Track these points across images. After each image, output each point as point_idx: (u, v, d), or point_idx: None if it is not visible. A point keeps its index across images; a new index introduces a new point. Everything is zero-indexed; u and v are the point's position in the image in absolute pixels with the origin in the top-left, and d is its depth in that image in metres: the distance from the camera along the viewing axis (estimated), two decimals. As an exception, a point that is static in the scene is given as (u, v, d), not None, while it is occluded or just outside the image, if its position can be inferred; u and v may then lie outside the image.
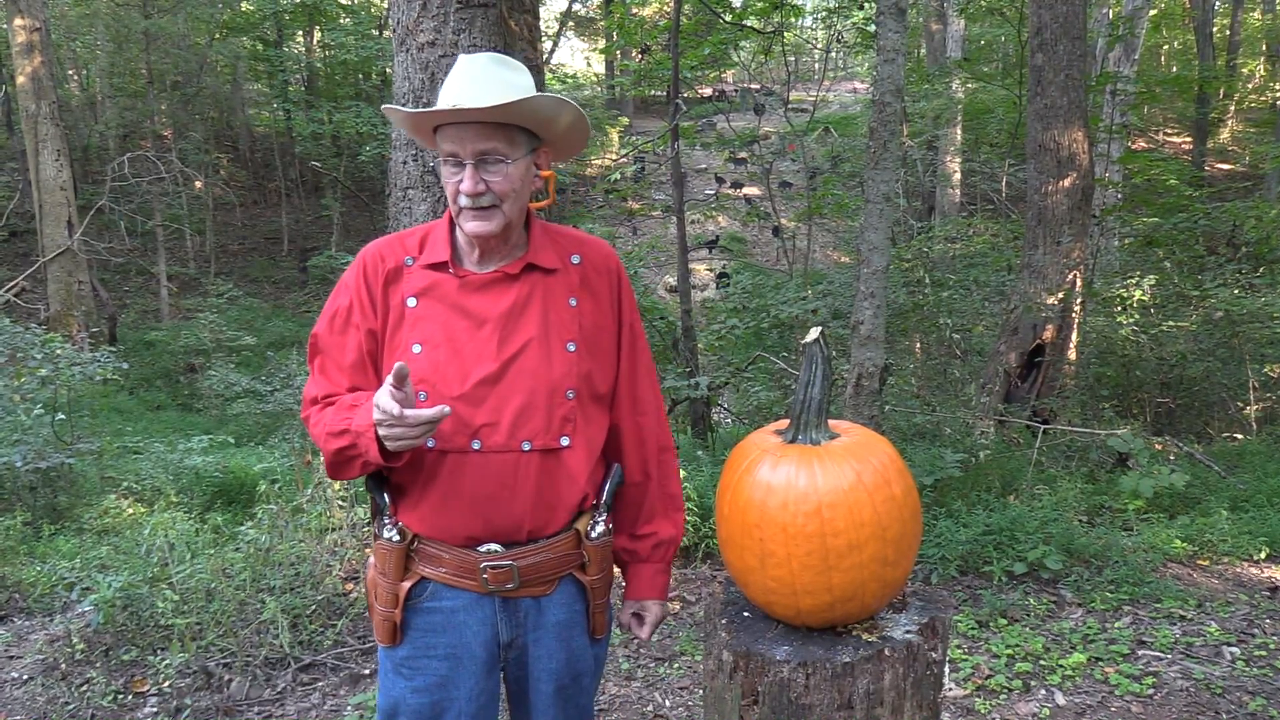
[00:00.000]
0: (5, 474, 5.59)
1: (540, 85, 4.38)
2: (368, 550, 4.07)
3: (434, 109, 1.72)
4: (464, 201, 1.74)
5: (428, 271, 1.83)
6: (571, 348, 1.82)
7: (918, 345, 9.44)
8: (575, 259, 1.90)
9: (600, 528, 1.90)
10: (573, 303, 1.86)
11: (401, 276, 1.83)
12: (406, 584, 1.84)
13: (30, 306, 13.21)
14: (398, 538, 1.83)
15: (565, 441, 1.80)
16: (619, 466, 1.97)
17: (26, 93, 13.35)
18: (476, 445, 1.75)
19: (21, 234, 17.19)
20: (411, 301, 1.81)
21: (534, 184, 1.84)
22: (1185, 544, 4.85)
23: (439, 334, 1.78)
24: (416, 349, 1.78)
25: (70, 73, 22.06)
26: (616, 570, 2.04)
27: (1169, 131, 22.55)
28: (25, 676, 3.82)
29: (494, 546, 1.80)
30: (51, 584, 4.55)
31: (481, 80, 1.73)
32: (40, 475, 5.72)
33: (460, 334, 1.78)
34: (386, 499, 1.86)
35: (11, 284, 13.56)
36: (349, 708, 3.53)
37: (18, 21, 13.22)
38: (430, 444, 1.76)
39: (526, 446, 1.77)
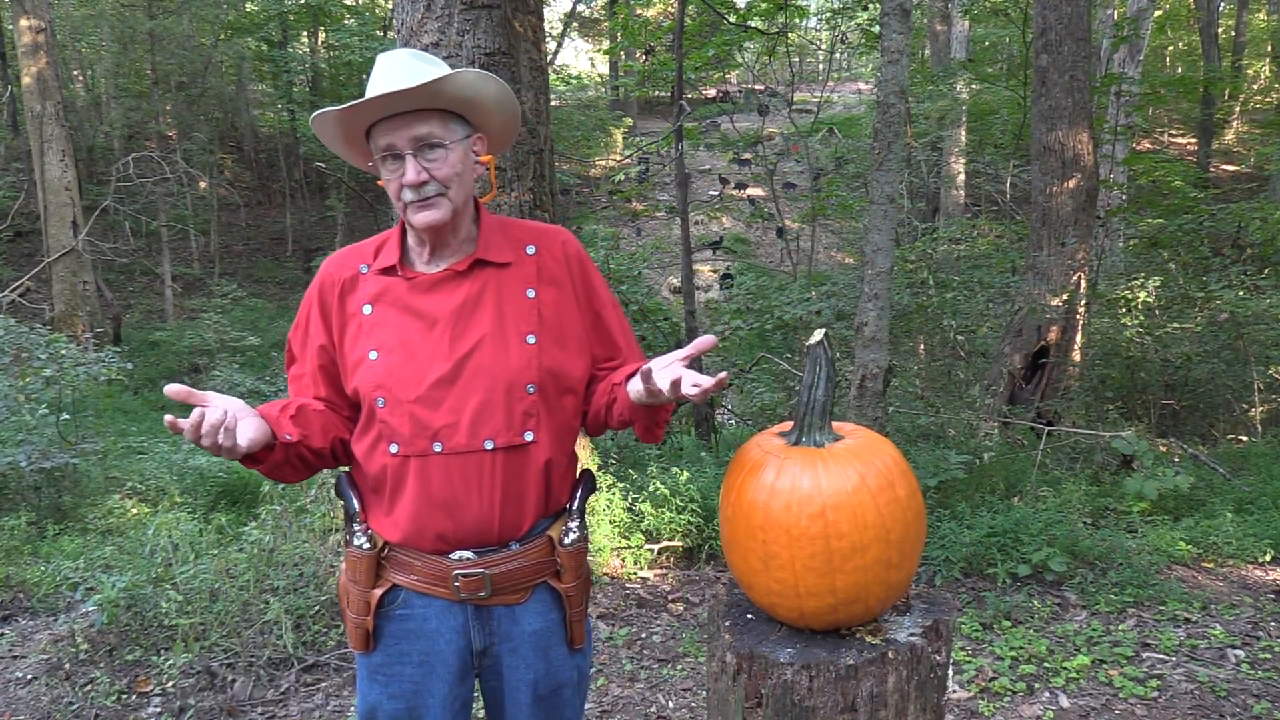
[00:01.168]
0: (10, 474, 5.60)
1: (544, 86, 4.38)
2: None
3: (363, 99, 1.71)
4: (408, 195, 1.73)
5: (380, 277, 1.82)
6: (531, 340, 1.79)
7: (922, 347, 9.43)
8: (530, 249, 1.87)
9: (574, 535, 1.87)
10: (531, 294, 1.83)
11: (357, 285, 1.83)
12: (378, 591, 1.83)
13: (35, 306, 13.24)
14: (368, 545, 1.82)
15: (529, 436, 1.77)
16: (591, 473, 1.96)
17: (32, 93, 13.38)
18: (438, 448, 1.73)
19: (26, 234, 17.23)
20: (367, 309, 1.80)
21: (475, 171, 1.83)
22: (1190, 546, 4.84)
23: (393, 338, 1.77)
24: (373, 355, 1.77)
25: (75, 73, 22.11)
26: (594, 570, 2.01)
27: (1174, 133, 22.51)
28: (30, 676, 3.83)
29: (466, 554, 1.78)
30: (56, 584, 4.57)
31: (403, 71, 1.73)
32: (45, 475, 5.73)
33: (413, 336, 1.77)
34: (356, 505, 1.85)
35: (16, 284, 13.59)
36: (352, 709, 3.53)
37: (23, 22, 13.26)
38: (393, 450, 1.75)
39: (489, 445, 1.74)
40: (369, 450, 1.80)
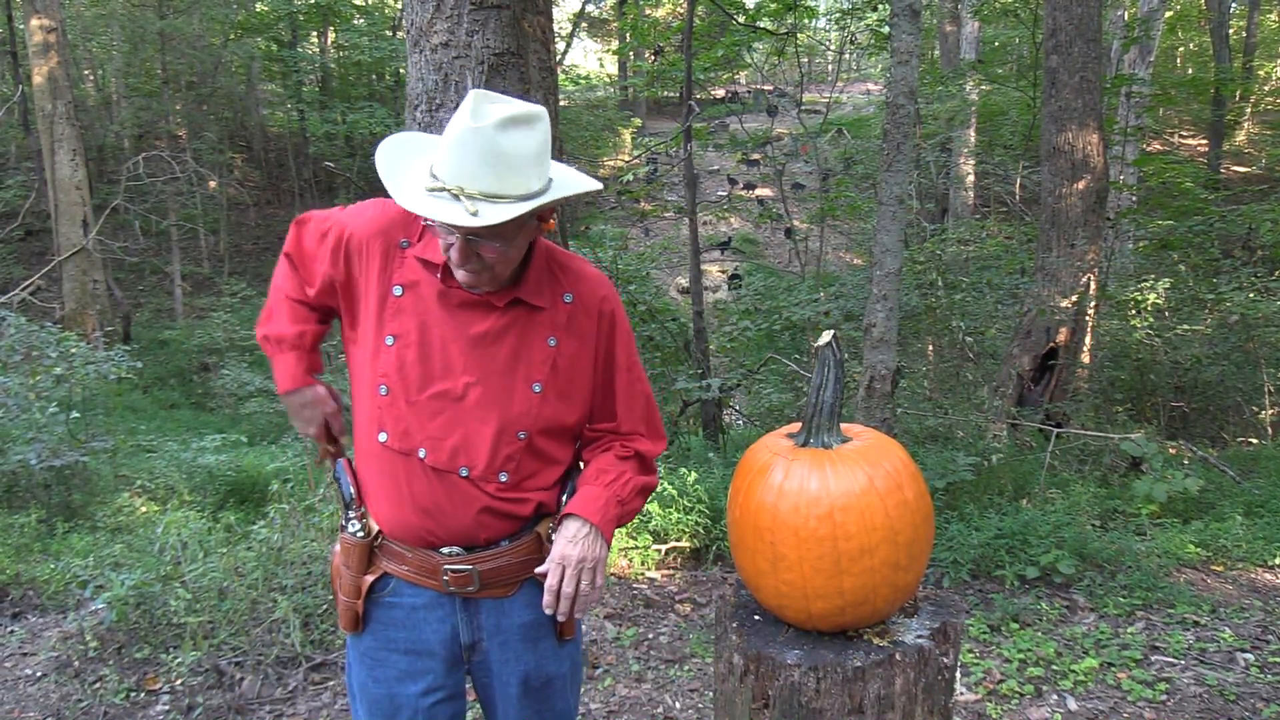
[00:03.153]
0: (20, 472, 5.62)
1: (553, 86, 4.38)
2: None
3: (439, 205, 1.58)
4: (454, 256, 1.68)
5: (418, 265, 1.78)
6: (537, 389, 1.78)
7: (930, 348, 9.41)
8: (568, 298, 1.83)
9: None
10: (551, 342, 1.80)
11: (393, 258, 1.79)
12: (369, 578, 1.86)
13: (45, 305, 13.28)
14: (362, 534, 1.85)
15: (504, 478, 1.77)
16: (574, 473, 1.92)
17: (43, 92, 13.43)
18: (421, 454, 1.75)
19: (37, 233, 17.30)
20: (397, 290, 1.78)
21: (535, 233, 1.75)
22: (1199, 549, 4.82)
23: (413, 334, 1.76)
24: (390, 341, 1.76)
25: (86, 72, 22.19)
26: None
27: (1184, 134, 22.42)
28: (39, 673, 3.84)
29: (456, 549, 1.80)
30: (65, 581, 4.58)
31: (487, 171, 1.58)
32: (54, 473, 5.75)
33: (432, 341, 1.76)
34: (352, 492, 1.87)
35: (27, 282, 13.64)
36: (360, 707, 3.53)
37: (34, 21, 13.31)
38: (382, 438, 1.76)
39: (464, 473, 1.75)
40: (364, 424, 1.82)
